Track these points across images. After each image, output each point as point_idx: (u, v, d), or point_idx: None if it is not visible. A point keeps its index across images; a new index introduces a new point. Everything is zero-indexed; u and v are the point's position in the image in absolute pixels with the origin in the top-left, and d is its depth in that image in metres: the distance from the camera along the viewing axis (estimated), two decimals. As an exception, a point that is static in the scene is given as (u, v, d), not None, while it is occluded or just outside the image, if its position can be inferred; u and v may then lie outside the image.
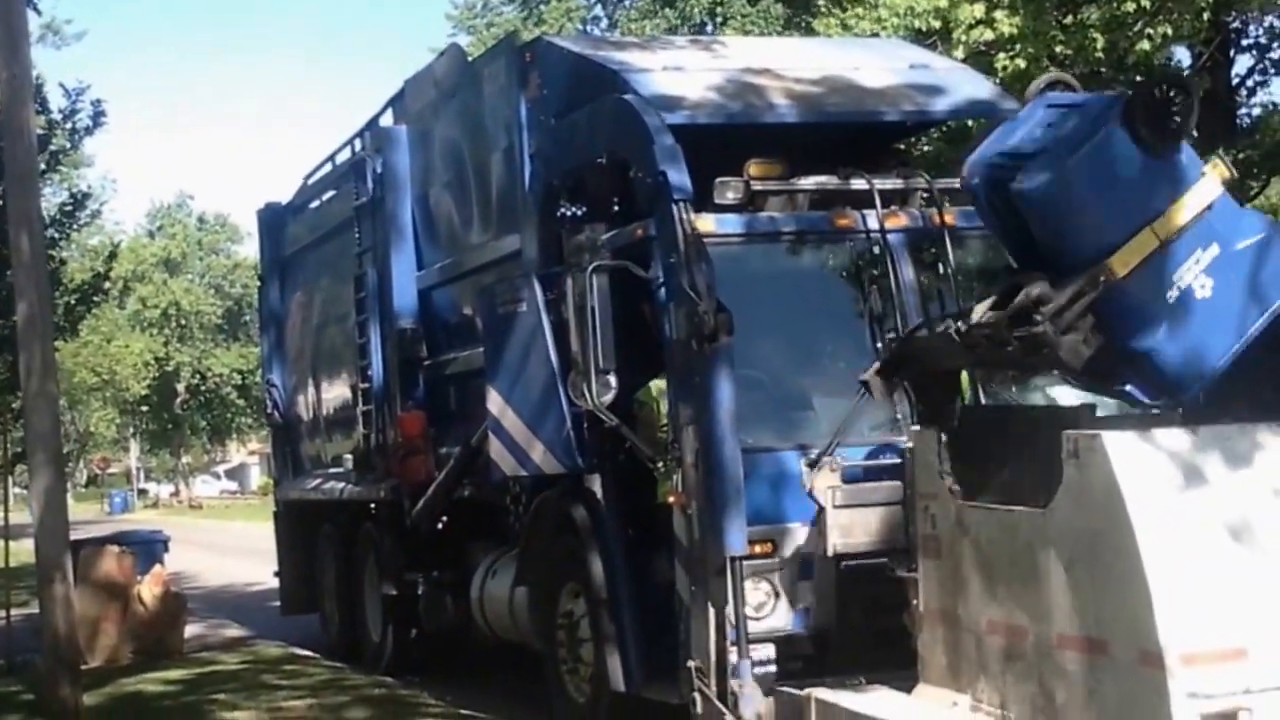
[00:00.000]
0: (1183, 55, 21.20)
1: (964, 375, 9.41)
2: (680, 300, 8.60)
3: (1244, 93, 22.79)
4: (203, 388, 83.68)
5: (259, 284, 18.44)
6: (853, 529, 8.63)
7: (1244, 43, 22.54)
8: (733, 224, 9.35)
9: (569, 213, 10.45)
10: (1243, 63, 22.86)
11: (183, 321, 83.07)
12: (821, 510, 8.45)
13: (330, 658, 14.89)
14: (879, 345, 9.32)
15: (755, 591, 8.64)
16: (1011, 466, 7.52)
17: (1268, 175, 21.71)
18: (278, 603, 17.28)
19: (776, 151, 9.66)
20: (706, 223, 9.06)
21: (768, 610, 8.78)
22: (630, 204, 9.81)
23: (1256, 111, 23.08)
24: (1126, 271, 6.98)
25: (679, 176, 8.83)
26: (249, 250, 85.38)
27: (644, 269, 9.10)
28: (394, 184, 13.33)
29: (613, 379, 8.97)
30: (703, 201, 9.18)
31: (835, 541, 8.55)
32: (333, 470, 15.38)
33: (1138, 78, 18.19)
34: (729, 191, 9.37)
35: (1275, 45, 22.75)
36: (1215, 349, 7.11)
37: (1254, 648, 6.52)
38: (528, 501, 10.97)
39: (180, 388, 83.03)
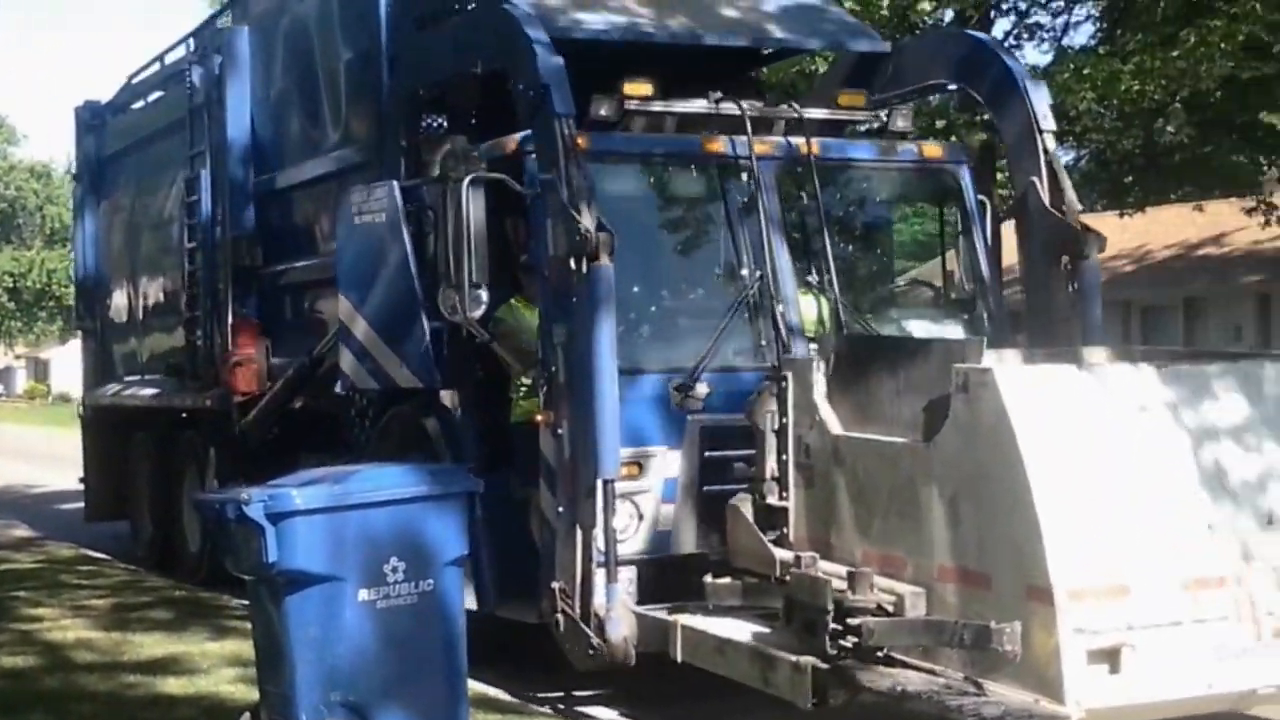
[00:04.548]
0: (949, 16, 21.98)
1: (822, 306, 9.57)
2: (559, 217, 8.46)
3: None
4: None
5: (74, 183, 17.79)
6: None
7: (1004, 6, 23.49)
8: (607, 142, 9.25)
9: (431, 123, 10.25)
10: (1001, 26, 23.92)
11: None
12: (762, 433, 8.24)
13: (143, 566, 14.58)
14: (743, 271, 9.34)
15: (619, 514, 8.59)
16: (894, 398, 7.58)
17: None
18: (64, 506, 16.94)
19: (639, 72, 9.56)
20: (582, 139, 8.93)
21: (630, 533, 8.78)
22: (490, 117, 9.67)
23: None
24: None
25: (562, 91, 8.68)
26: (26, 152, 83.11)
27: (518, 183, 8.95)
28: (233, 86, 12.92)
29: (484, 294, 8.84)
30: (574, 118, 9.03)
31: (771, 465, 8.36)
32: (151, 377, 14.96)
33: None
34: (603, 109, 9.26)
35: (1033, 10, 23.89)
36: None
37: (1135, 584, 6.68)
38: (375, 415, 10.78)
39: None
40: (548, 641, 8.66)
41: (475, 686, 8.29)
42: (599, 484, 8.26)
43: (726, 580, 8.24)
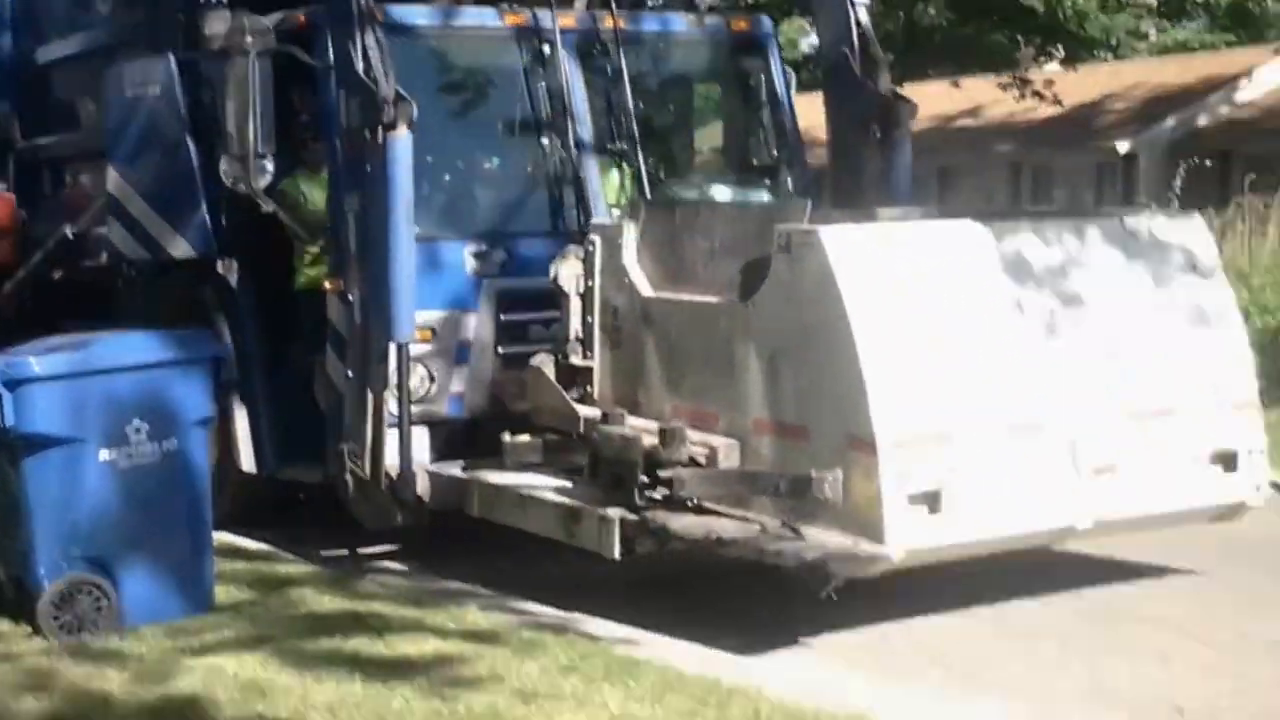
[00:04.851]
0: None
1: (625, 174, 9.45)
2: (355, 88, 8.30)
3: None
4: None
5: None
6: None
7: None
8: (404, 14, 9.02)
9: None
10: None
11: None
12: (567, 296, 8.21)
13: None
14: (543, 141, 9.25)
15: (411, 377, 8.41)
16: (708, 260, 7.55)
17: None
18: None
19: None
20: (378, 10, 8.65)
21: (423, 395, 8.65)
22: None
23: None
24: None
25: None
26: None
27: (308, 55, 8.71)
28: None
29: (269, 163, 8.55)
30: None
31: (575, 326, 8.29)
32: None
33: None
34: None
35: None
36: None
37: (954, 430, 6.78)
38: (145, 286, 10.38)
39: None
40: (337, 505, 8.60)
41: (224, 538, 8.41)
42: (392, 348, 8.15)
43: (526, 438, 8.17)
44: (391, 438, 8.18)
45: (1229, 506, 7.77)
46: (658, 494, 7.10)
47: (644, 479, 7.11)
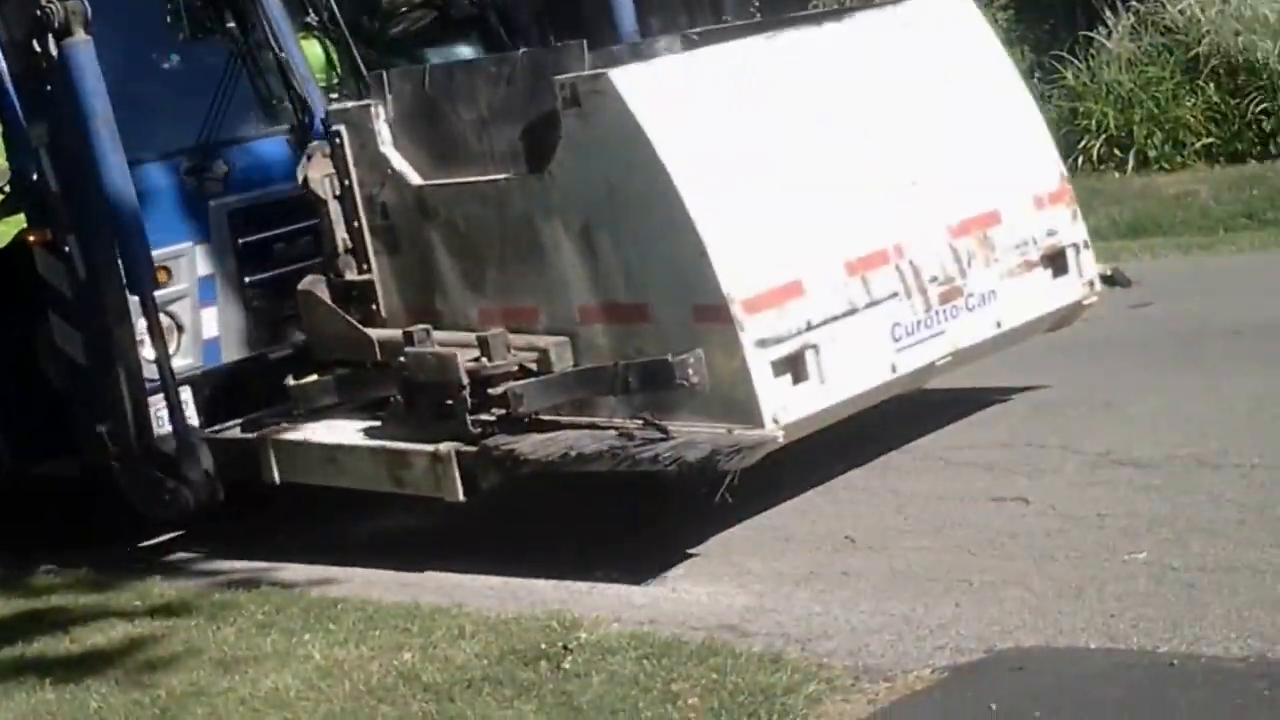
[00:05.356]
0: None
1: (329, 48, 8.52)
2: None
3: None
4: None
5: None
6: None
7: None
8: None
9: None
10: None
11: None
12: (324, 201, 7.14)
13: None
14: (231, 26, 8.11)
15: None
16: (480, 131, 6.59)
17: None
18: None
19: None
20: None
21: (174, 349, 7.50)
22: None
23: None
24: None
25: None
26: None
27: None
28: None
29: None
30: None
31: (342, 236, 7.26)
32: None
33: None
34: None
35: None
36: None
37: (807, 279, 6.05)
38: None
39: None
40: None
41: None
42: (134, 300, 7.02)
43: (313, 378, 7.17)
44: (158, 405, 7.08)
45: (1067, 309, 7.16)
46: (491, 415, 6.25)
47: (472, 401, 6.24)
